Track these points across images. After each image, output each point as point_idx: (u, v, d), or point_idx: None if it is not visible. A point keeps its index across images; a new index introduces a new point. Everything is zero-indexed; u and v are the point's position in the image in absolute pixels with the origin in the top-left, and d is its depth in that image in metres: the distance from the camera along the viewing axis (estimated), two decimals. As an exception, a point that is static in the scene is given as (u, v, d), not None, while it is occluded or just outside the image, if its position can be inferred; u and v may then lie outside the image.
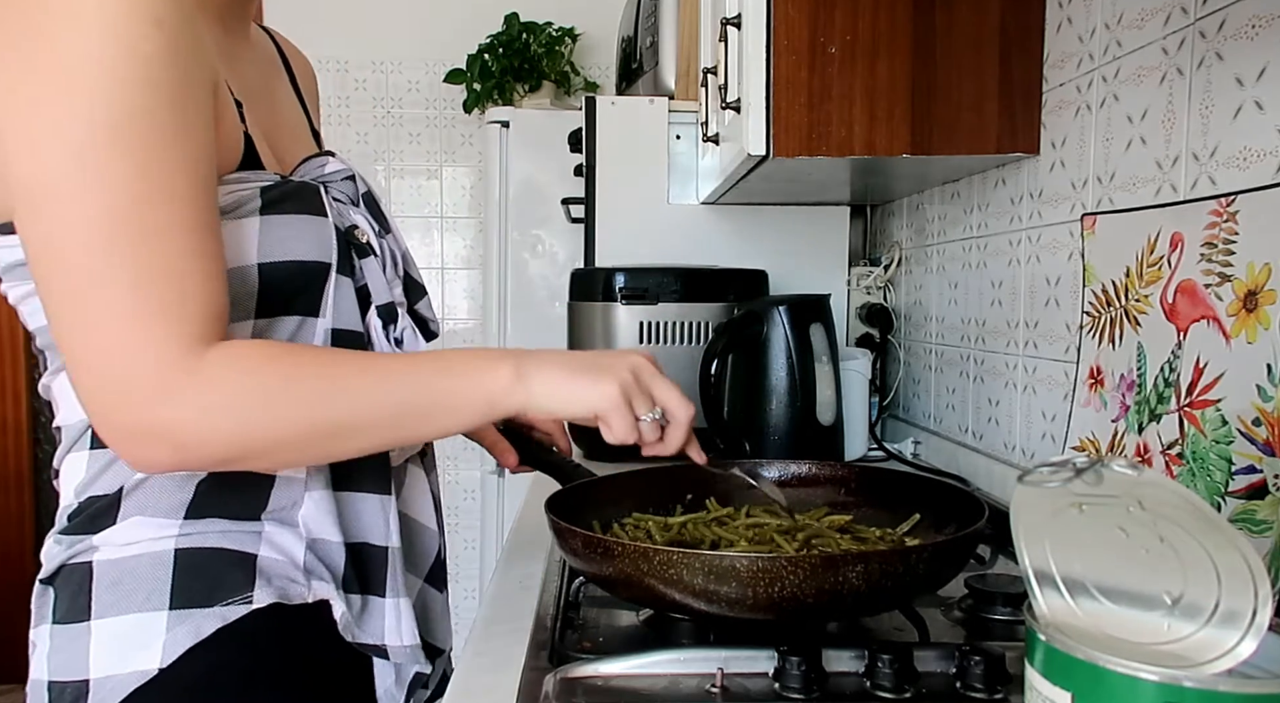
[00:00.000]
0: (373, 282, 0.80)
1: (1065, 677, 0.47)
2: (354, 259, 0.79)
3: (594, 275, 1.58)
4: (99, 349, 0.62)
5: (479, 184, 3.04)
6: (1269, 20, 0.78)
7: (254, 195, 0.73)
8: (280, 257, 0.73)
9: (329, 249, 0.76)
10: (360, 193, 0.84)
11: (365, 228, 0.81)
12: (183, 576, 0.72)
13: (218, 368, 0.64)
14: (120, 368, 0.62)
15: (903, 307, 1.79)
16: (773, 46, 1.18)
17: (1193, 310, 0.87)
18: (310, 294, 0.76)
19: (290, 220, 0.74)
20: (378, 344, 0.80)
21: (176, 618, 0.71)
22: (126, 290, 0.62)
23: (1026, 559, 0.51)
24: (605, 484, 0.99)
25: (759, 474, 0.99)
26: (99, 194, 0.61)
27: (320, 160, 0.84)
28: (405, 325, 0.82)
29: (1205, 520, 0.45)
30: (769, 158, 1.21)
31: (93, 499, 0.75)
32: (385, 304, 0.81)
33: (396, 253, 0.85)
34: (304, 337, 0.76)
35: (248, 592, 0.73)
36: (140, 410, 0.63)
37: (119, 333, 0.62)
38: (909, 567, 0.72)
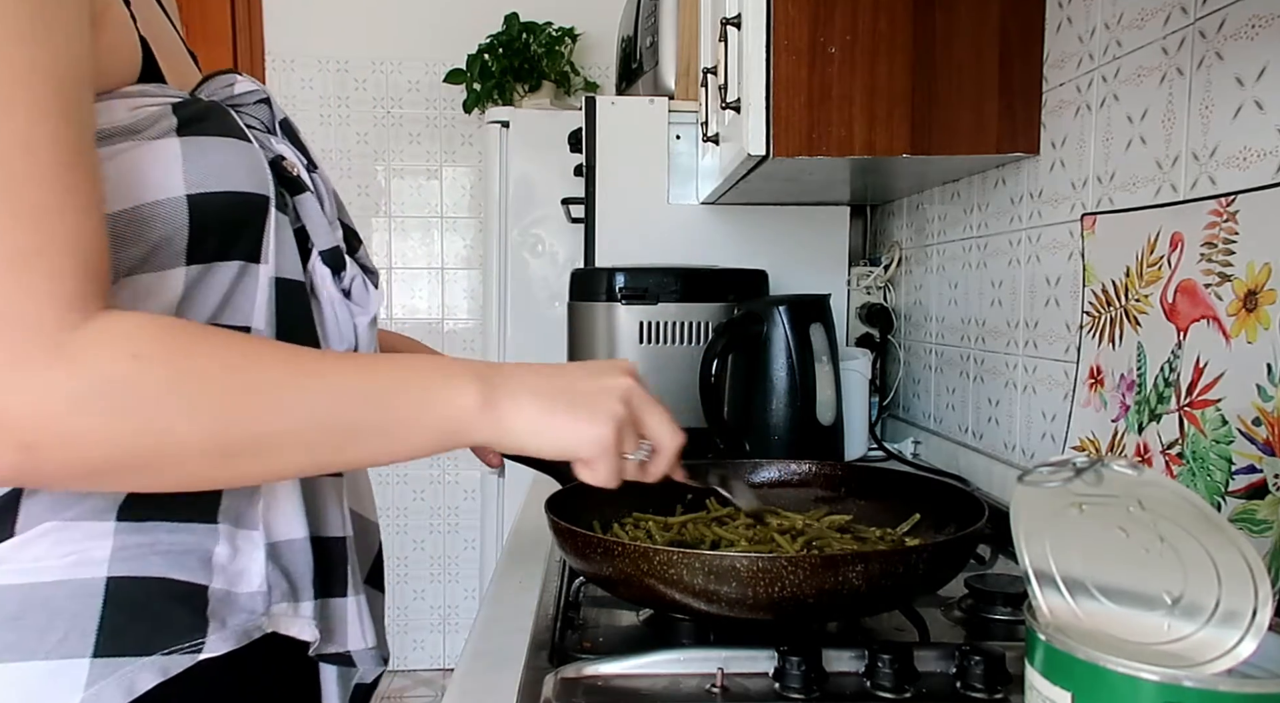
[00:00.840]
0: (311, 222, 0.67)
1: (1065, 677, 0.47)
2: (285, 196, 0.66)
3: (594, 275, 1.58)
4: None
5: (479, 184, 3.04)
6: (1269, 20, 0.78)
7: (165, 112, 0.59)
8: (213, 186, 0.59)
9: (264, 179, 0.62)
10: (278, 120, 0.70)
11: (293, 159, 0.67)
12: (115, 613, 0.56)
13: (96, 347, 0.49)
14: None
15: (903, 307, 1.79)
16: (773, 46, 1.18)
17: (1193, 310, 0.87)
18: (250, 234, 0.62)
19: (215, 143, 0.60)
20: (324, 296, 0.67)
21: (102, 669, 0.55)
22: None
23: (1026, 559, 0.51)
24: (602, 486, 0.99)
25: (734, 488, 0.97)
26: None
27: (226, 78, 0.69)
28: (354, 273, 0.69)
29: (1205, 521, 0.45)
30: (769, 158, 1.21)
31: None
32: (331, 249, 0.68)
33: (329, 193, 0.72)
34: (246, 287, 0.62)
35: (197, 637, 0.58)
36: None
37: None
38: (909, 567, 0.72)
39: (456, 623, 3.13)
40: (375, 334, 0.74)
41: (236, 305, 0.62)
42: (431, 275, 3.08)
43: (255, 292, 0.62)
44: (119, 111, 0.57)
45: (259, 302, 0.63)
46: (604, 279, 1.55)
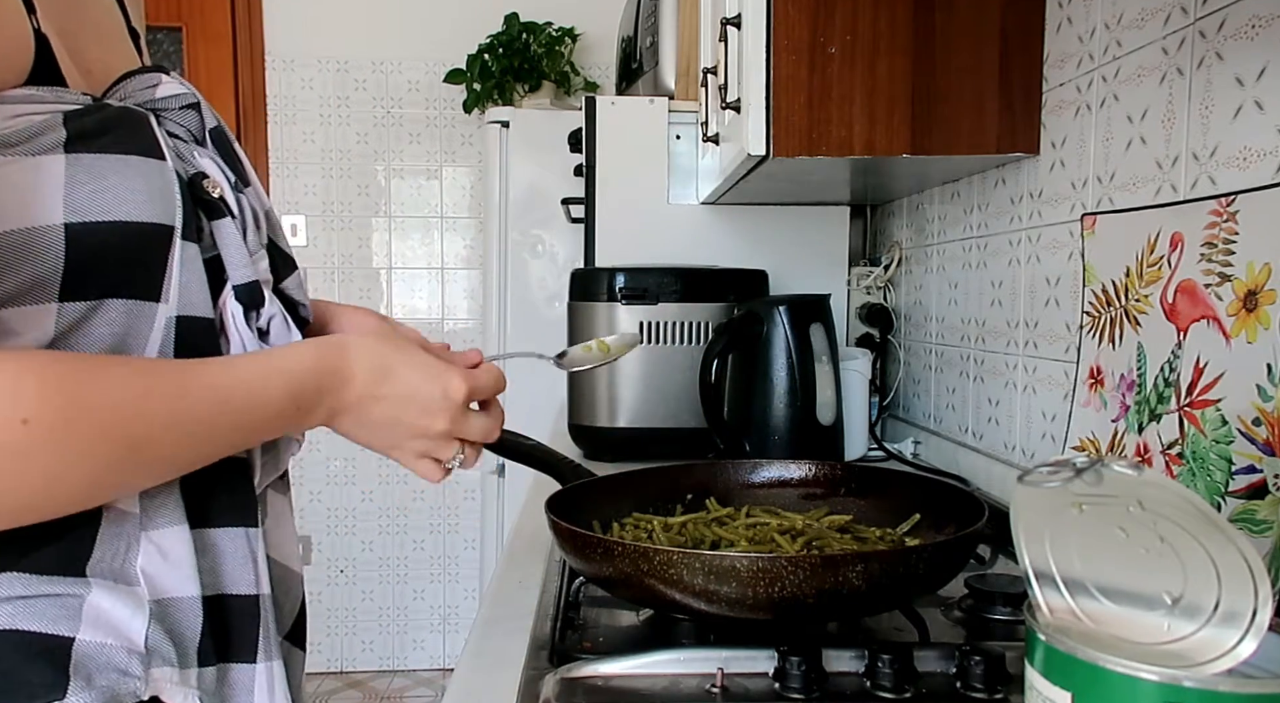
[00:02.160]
0: (228, 252, 0.60)
1: (1065, 677, 0.47)
2: (202, 220, 0.59)
3: (594, 275, 1.58)
4: None
5: (479, 184, 3.04)
6: (1269, 20, 0.78)
7: (54, 123, 0.51)
8: (100, 214, 0.51)
9: (171, 205, 0.55)
10: (208, 128, 0.62)
11: (217, 177, 0.60)
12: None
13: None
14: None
15: (903, 307, 1.79)
16: (773, 46, 1.18)
17: (1193, 310, 0.87)
18: (146, 270, 0.55)
19: (112, 162, 0.53)
20: (234, 336, 0.61)
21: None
22: None
23: (1026, 559, 0.51)
24: (605, 484, 0.99)
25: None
26: None
27: (150, 77, 0.61)
28: (273, 311, 0.63)
29: (1205, 521, 0.45)
30: (769, 158, 1.21)
31: None
32: (247, 283, 0.60)
33: (259, 212, 0.64)
34: (138, 328, 0.55)
35: (54, 697, 0.50)
36: None
37: None
38: (909, 567, 0.72)
39: (456, 623, 3.13)
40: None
41: (127, 348, 0.55)
42: (431, 275, 3.08)
43: (149, 333, 0.56)
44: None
45: (152, 344, 0.56)
46: (604, 279, 1.55)
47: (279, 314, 0.63)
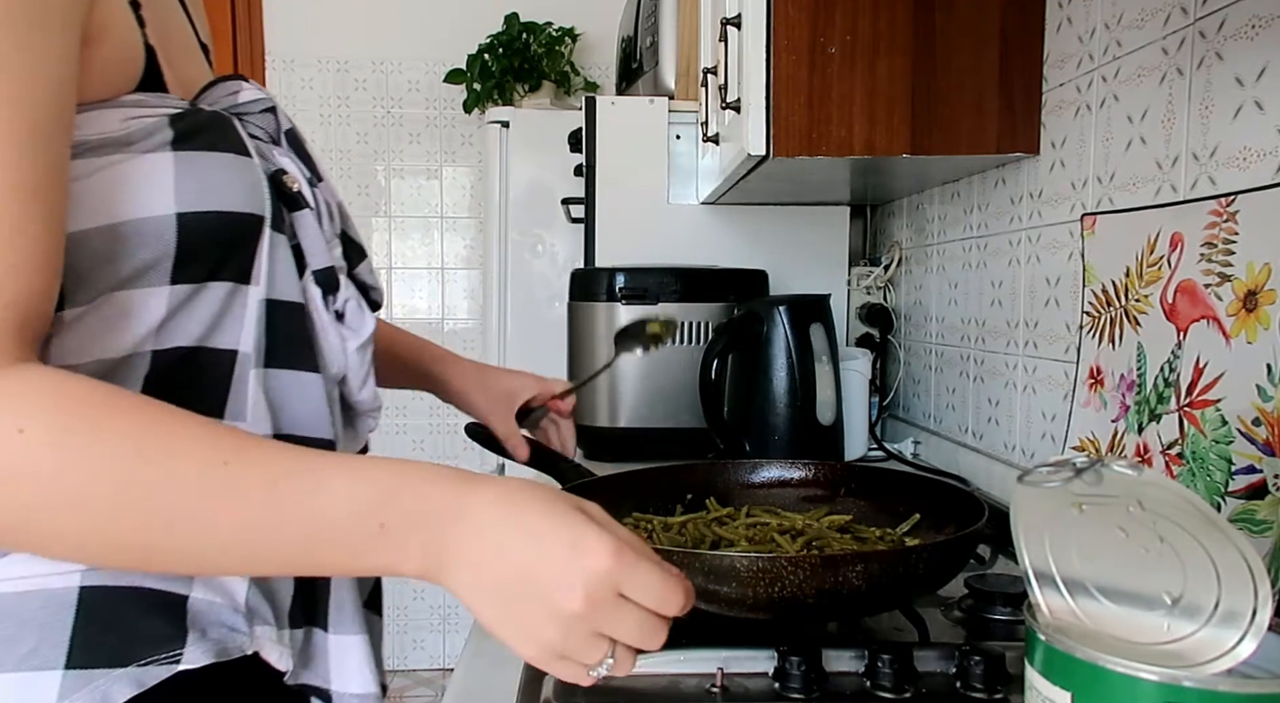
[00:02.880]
0: (308, 241, 0.65)
1: (1065, 677, 0.47)
2: (284, 212, 0.63)
3: (594, 275, 1.58)
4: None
5: (479, 184, 3.04)
6: (1269, 20, 0.78)
7: (162, 124, 0.57)
8: (205, 205, 0.57)
9: (261, 198, 0.60)
10: (283, 130, 0.67)
11: (295, 173, 0.65)
12: (87, 623, 0.53)
13: (18, 399, 0.47)
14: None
15: (903, 307, 1.78)
16: (773, 46, 1.18)
17: (1193, 310, 0.87)
18: (241, 255, 0.60)
19: (211, 159, 0.58)
20: (317, 318, 0.65)
21: (74, 681, 0.52)
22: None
23: (1026, 559, 0.51)
24: (605, 484, 0.99)
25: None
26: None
27: (231, 85, 0.67)
28: (349, 295, 0.67)
29: (1205, 521, 0.45)
30: (769, 158, 1.21)
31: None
32: (324, 269, 0.65)
33: (332, 205, 0.69)
34: (234, 310, 0.60)
35: (175, 648, 0.54)
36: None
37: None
38: (909, 567, 0.72)
39: (456, 623, 3.13)
40: (368, 357, 0.69)
41: (224, 327, 0.60)
42: (431, 275, 3.08)
43: (244, 314, 0.60)
44: (111, 121, 0.55)
45: (247, 324, 0.60)
46: (604, 279, 1.55)
47: (354, 298, 0.67)
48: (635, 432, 1.52)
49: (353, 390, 0.69)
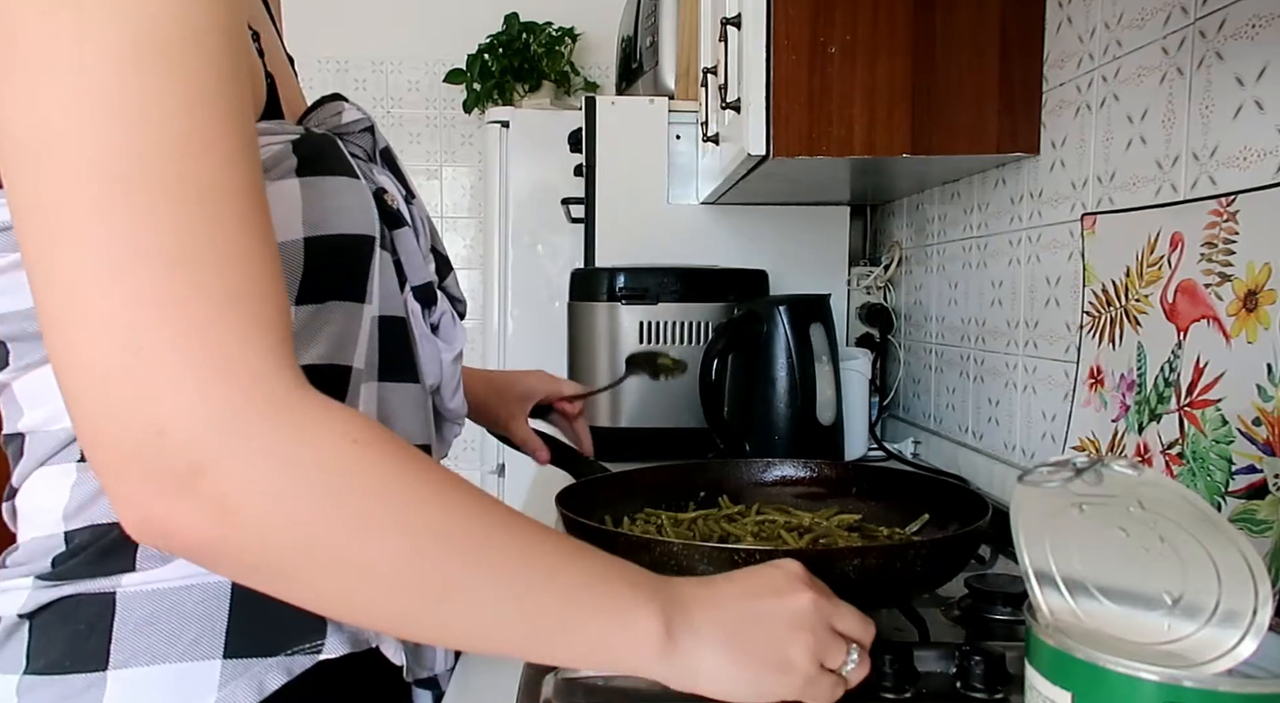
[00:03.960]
0: (407, 257, 0.66)
1: (1065, 677, 0.47)
2: (386, 230, 0.64)
3: (594, 275, 1.58)
4: (123, 342, 0.41)
5: (479, 184, 3.04)
6: (1269, 20, 0.78)
7: (286, 152, 0.58)
8: (327, 229, 0.58)
9: (371, 219, 0.62)
10: (379, 148, 0.69)
11: (394, 191, 0.66)
12: (242, 614, 0.56)
13: (324, 416, 0.44)
14: (166, 375, 0.41)
15: (903, 307, 1.78)
16: (773, 46, 1.18)
17: (1193, 310, 0.87)
18: (356, 275, 0.61)
19: (330, 184, 0.59)
20: (417, 331, 0.66)
21: (233, 669, 0.55)
22: (169, 267, 0.41)
23: (1026, 559, 0.51)
24: (618, 480, 0.99)
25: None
26: (118, 130, 0.41)
27: (335, 106, 0.68)
28: (444, 308, 0.69)
29: (1205, 521, 0.45)
30: (769, 158, 1.21)
31: (95, 532, 0.55)
32: (423, 284, 0.67)
33: (425, 220, 0.71)
34: (350, 328, 0.61)
35: (318, 639, 0.57)
36: (191, 445, 0.41)
37: (171, 323, 0.41)
38: (906, 563, 0.72)
39: (456, 623, 3.12)
40: (459, 368, 0.72)
41: (342, 345, 0.61)
42: (431, 275, 3.08)
43: (359, 331, 0.61)
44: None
45: (361, 341, 0.62)
46: (604, 279, 1.55)
47: (449, 313, 0.69)
48: (636, 432, 1.52)
49: (445, 399, 0.72)
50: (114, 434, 0.41)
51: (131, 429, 0.41)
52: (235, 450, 0.42)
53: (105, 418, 0.41)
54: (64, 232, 0.41)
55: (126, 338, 0.41)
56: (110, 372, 0.41)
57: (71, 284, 0.41)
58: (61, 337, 0.42)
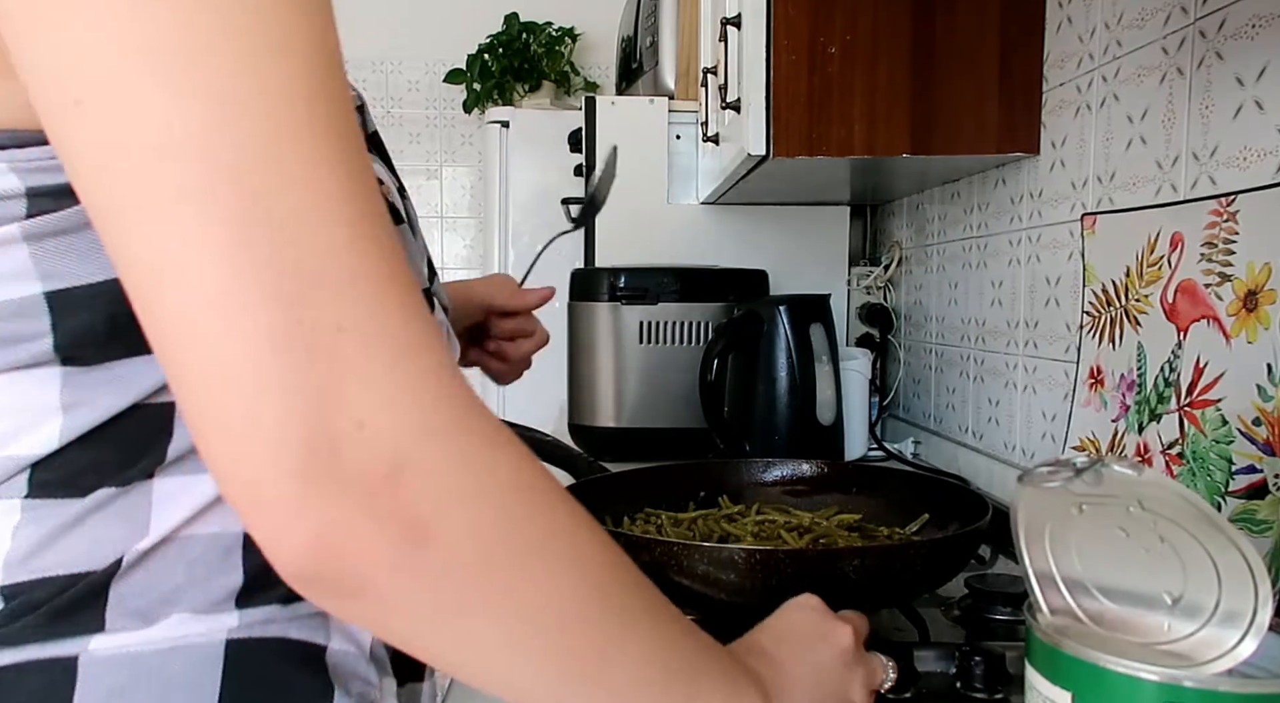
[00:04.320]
0: (409, 259, 0.60)
1: (1065, 677, 0.47)
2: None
3: (594, 275, 1.58)
4: (278, 325, 0.34)
5: (479, 184, 3.04)
6: (1269, 20, 0.78)
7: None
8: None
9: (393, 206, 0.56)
10: (368, 132, 0.61)
11: (389, 183, 0.60)
12: (236, 680, 0.47)
13: (509, 443, 0.40)
14: (371, 359, 0.35)
15: (903, 307, 1.78)
16: (773, 46, 1.18)
17: (1193, 310, 0.87)
18: None
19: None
20: None
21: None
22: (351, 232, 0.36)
23: (1026, 559, 0.51)
24: (618, 480, 0.99)
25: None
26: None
27: None
28: (440, 320, 0.63)
29: (1205, 520, 0.45)
30: (769, 158, 1.21)
31: (48, 587, 0.44)
32: (424, 290, 0.61)
33: (416, 219, 0.65)
34: None
35: (324, 702, 0.49)
36: (395, 440, 0.35)
37: (375, 304, 0.36)
38: (906, 562, 0.72)
39: (456, 623, 3.13)
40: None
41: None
42: (431, 275, 3.08)
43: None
44: None
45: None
46: (604, 279, 1.55)
47: (445, 323, 0.64)
48: (635, 432, 1.52)
49: None
50: (290, 432, 0.34)
51: (322, 422, 0.34)
52: (436, 452, 0.36)
53: (278, 411, 0.34)
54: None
55: (320, 316, 0.34)
56: (295, 355, 0.34)
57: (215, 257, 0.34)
58: (203, 316, 0.34)
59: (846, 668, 0.57)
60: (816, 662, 0.56)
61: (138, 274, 0.35)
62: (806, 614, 0.59)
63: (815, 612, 0.59)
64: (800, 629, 0.58)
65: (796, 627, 0.58)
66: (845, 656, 0.57)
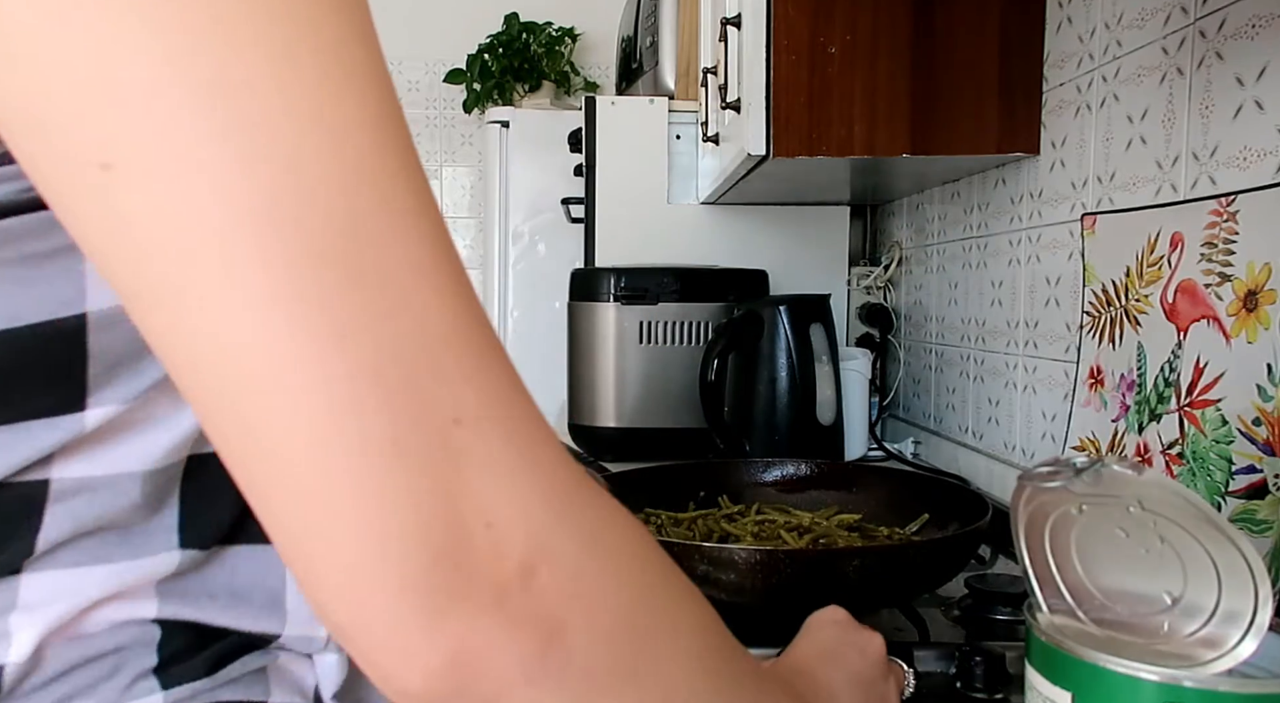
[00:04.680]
0: None
1: (1065, 677, 0.47)
2: None
3: (594, 275, 1.58)
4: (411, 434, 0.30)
5: (479, 184, 3.04)
6: (1269, 20, 0.78)
7: None
8: None
9: None
10: None
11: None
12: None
13: (620, 514, 0.37)
14: (492, 453, 0.31)
15: (903, 307, 1.78)
16: (773, 46, 1.18)
17: (1193, 310, 0.87)
18: None
19: None
20: None
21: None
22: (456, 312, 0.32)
23: (1026, 559, 0.51)
24: (619, 480, 1.00)
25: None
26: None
27: None
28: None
29: (1205, 521, 0.45)
30: (769, 158, 1.21)
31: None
32: None
33: None
34: None
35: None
36: (526, 535, 0.32)
37: (491, 400, 0.32)
38: (905, 562, 0.72)
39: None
40: None
41: None
42: (431, 275, 3.08)
43: None
44: None
45: None
46: (604, 279, 1.55)
47: None
48: (635, 432, 1.52)
49: None
50: (413, 544, 0.30)
51: (449, 527, 0.30)
52: (566, 540, 0.33)
53: (397, 523, 0.29)
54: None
55: (436, 411, 0.30)
56: (412, 458, 0.30)
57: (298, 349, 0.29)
58: (296, 423, 0.29)
59: (883, 679, 0.58)
60: (855, 675, 0.57)
61: (199, 370, 0.30)
62: (838, 630, 0.59)
63: (845, 625, 0.60)
64: (835, 645, 0.58)
65: (831, 643, 0.58)
66: (880, 666, 0.58)
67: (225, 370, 0.29)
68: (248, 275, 0.28)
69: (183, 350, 0.30)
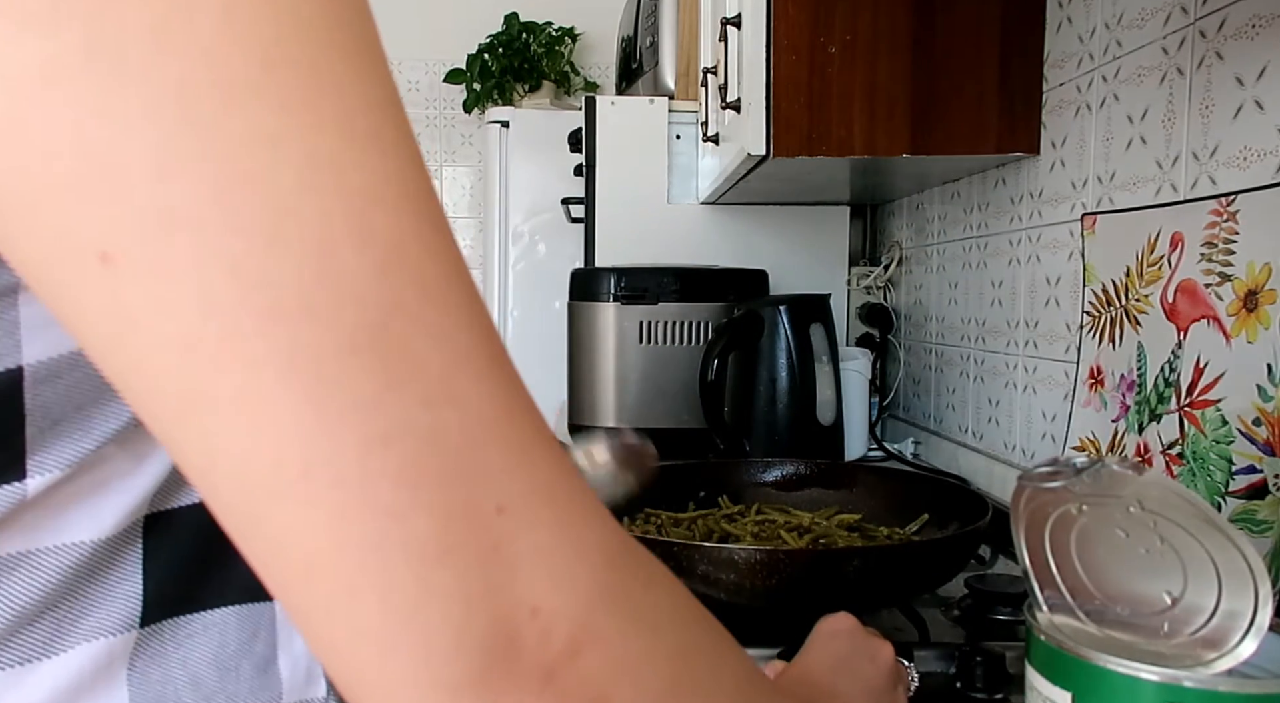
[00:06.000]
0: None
1: (1065, 677, 0.47)
2: None
3: (594, 275, 1.58)
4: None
5: (479, 184, 3.04)
6: (1269, 20, 0.78)
7: None
8: None
9: None
10: None
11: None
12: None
13: (660, 575, 0.36)
14: (535, 540, 0.30)
15: (903, 307, 1.78)
16: (773, 46, 1.18)
17: (1193, 310, 0.87)
18: None
19: None
20: None
21: None
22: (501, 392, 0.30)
23: (1026, 560, 0.51)
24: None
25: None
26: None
27: None
28: None
29: (1205, 520, 0.45)
30: (769, 158, 1.21)
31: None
32: None
33: None
34: None
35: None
36: (570, 618, 0.30)
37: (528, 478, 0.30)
38: (905, 562, 0.72)
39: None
40: None
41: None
42: (431, 275, 3.08)
43: None
44: None
45: None
46: (604, 279, 1.55)
47: None
48: (635, 432, 1.52)
49: None
50: (461, 641, 0.29)
51: (495, 620, 0.29)
52: (609, 615, 0.32)
53: (445, 621, 0.28)
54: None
55: (481, 502, 0.29)
56: (457, 554, 0.28)
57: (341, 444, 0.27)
58: (336, 527, 0.27)
59: (893, 682, 0.58)
60: (867, 683, 0.57)
61: (220, 483, 0.28)
62: (848, 639, 0.60)
63: (855, 633, 0.60)
64: (846, 653, 0.58)
65: (842, 651, 0.59)
66: (891, 674, 0.58)
67: (249, 481, 0.27)
68: (274, 377, 0.25)
69: (200, 459, 0.27)
